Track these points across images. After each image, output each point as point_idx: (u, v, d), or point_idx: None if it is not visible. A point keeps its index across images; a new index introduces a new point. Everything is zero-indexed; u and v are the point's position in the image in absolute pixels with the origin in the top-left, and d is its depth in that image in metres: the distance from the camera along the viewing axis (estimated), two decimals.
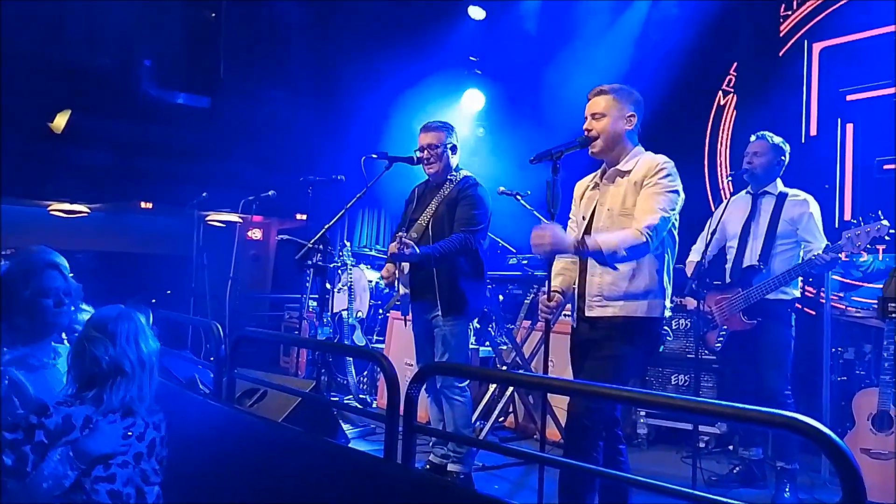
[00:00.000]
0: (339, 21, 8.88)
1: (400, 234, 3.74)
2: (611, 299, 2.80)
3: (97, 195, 8.88)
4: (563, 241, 2.72)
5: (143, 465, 2.22)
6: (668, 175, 2.76)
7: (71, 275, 2.55)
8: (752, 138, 4.01)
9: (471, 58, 8.25)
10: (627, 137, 2.91)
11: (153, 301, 7.79)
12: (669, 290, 2.87)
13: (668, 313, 2.88)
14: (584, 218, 2.98)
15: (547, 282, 2.96)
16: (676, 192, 2.77)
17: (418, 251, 3.58)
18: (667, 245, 2.86)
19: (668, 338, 2.97)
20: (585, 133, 2.89)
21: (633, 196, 2.80)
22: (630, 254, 2.67)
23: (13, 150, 7.21)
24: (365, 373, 6.22)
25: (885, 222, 3.41)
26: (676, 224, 2.89)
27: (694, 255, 4.21)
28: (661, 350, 3.04)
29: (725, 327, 3.91)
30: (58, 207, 9.12)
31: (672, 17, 6.08)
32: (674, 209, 2.74)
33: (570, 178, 2.90)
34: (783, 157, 3.94)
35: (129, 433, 2.20)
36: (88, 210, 9.35)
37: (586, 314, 2.86)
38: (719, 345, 3.95)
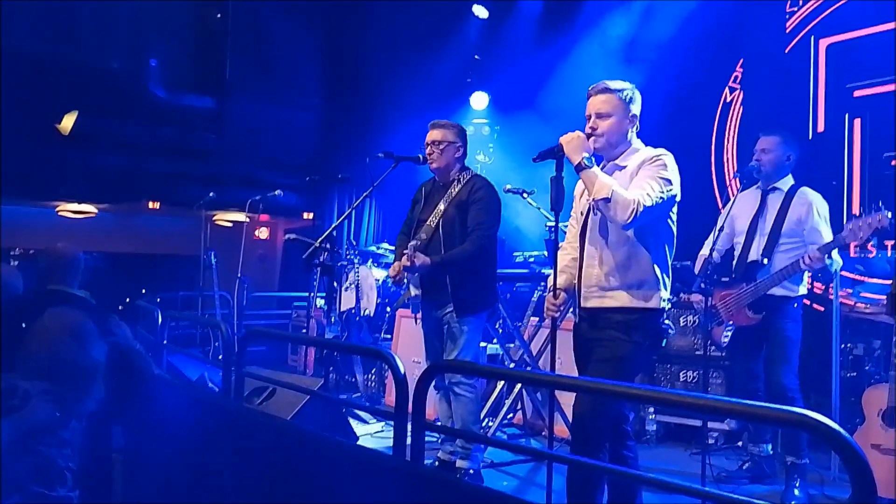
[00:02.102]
0: (344, 21, 8.90)
1: (411, 243, 3.71)
2: (606, 290, 2.80)
3: (105, 196, 8.92)
4: (578, 148, 2.75)
5: None
6: (663, 165, 2.75)
7: None
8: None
9: (475, 56, 8.26)
10: (629, 136, 2.91)
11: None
12: (668, 283, 2.85)
13: (667, 305, 2.85)
14: (581, 213, 2.99)
15: (553, 279, 2.97)
16: (668, 181, 2.73)
17: (429, 262, 3.60)
18: (663, 238, 2.84)
19: (670, 331, 2.94)
20: (590, 132, 2.85)
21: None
22: (612, 207, 2.63)
23: (21, 151, 7.25)
24: (373, 371, 6.23)
25: (888, 213, 3.37)
26: (674, 218, 2.87)
27: (705, 250, 4.18)
28: (664, 344, 3.02)
29: (732, 323, 3.90)
30: (66, 208, 9.17)
31: (678, 14, 6.06)
32: (662, 196, 2.69)
33: (576, 175, 2.89)
34: (793, 154, 3.92)
35: None
36: (96, 210, 9.40)
37: (583, 305, 2.88)
38: (726, 340, 3.93)
